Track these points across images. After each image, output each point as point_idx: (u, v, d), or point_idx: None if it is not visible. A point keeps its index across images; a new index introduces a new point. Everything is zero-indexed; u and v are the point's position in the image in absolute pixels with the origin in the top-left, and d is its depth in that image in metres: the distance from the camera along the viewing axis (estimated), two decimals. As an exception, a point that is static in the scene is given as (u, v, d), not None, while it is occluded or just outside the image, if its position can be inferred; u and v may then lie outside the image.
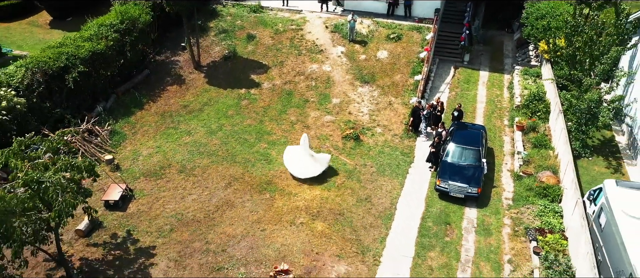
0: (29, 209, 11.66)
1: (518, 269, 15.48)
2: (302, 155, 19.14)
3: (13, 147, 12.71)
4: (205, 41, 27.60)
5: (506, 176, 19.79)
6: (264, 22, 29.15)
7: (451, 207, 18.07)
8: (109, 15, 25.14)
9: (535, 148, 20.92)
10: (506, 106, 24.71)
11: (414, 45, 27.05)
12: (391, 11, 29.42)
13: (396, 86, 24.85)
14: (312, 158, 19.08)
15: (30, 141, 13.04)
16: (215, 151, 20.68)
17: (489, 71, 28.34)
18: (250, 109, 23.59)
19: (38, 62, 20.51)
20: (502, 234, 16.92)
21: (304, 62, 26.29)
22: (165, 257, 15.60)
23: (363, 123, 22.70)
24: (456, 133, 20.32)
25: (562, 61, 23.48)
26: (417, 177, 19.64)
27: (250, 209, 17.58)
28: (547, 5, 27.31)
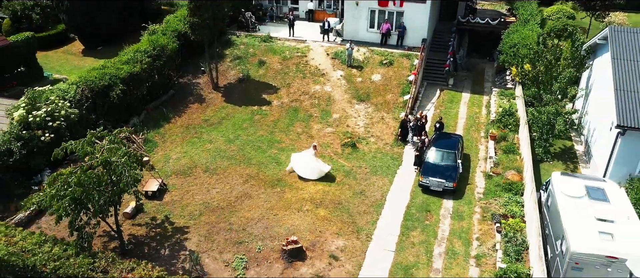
0: (104, 183, 15.39)
1: (483, 244, 19.03)
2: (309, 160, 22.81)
3: (87, 138, 16.55)
4: (222, 66, 31.70)
5: (479, 176, 23.48)
6: (273, 50, 33.34)
7: (432, 199, 21.72)
8: (142, 42, 29.30)
9: (505, 153, 24.68)
10: (483, 121, 28.57)
11: (403, 69, 31.13)
12: (384, 41, 33.62)
13: (388, 104, 28.80)
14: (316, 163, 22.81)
15: (100, 134, 16.87)
16: (233, 155, 24.46)
17: (470, 92, 32.32)
18: (262, 123, 27.48)
19: (86, 81, 24.51)
20: (473, 219, 20.52)
21: (308, 84, 30.33)
22: (196, 233, 19.19)
23: (359, 133, 26.55)
24: (437, 140, 24.16)
25: (529, 82, 27.49)
26: (404, 176, 23.35)
27: (264, 199, 21.24)
28: (519, 36, 31.47)
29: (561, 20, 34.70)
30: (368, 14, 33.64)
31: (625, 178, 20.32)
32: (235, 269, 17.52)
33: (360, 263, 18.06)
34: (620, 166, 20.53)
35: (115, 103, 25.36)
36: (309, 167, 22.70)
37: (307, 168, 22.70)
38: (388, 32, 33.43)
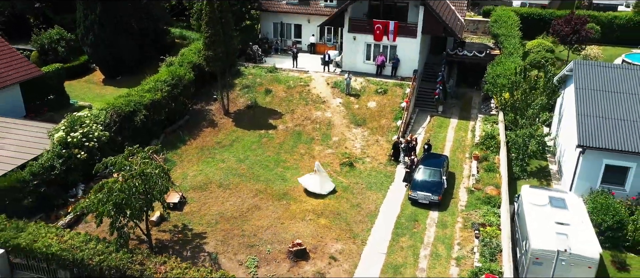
0: (140, 191, 18.38)
1: (463, 248, 21.89)
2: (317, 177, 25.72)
3: (125, 154, 19.63)
4: (232, 94, 34.95)
5: (462, 191, 26.43)
6: (278, 79, 36.67)
7: (419, 211, 24.64)
8: (162, 73, 32.64)
9: (486, 171, 27.68)
10: (468, 143, 31.64)
11: (397, 97, 34.39)
12: (379, 72, 36.96)
13: (382, 128, 31.96)
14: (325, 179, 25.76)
15: (135, 150, 19.95)
16: (244, 173, 27.47)
17: (458, 118, 35.48)
18: (269, 145, 30.57)
19: (114, 107, 27.73)
20: (455, 227, 23.40)
21: (310, 110, 33.55)
22: (213, 238, 22.08)
23: (356, 154, 29.61)
24: (425, 159, 27.21)
25: (508, 109, 30.69)
26: (395, 192, 26.31)
27: (272, 210, 24.17)
28: (502, 67, 34.76)
29: (540, 53, 38.23)
30: (365, 47, 37.09)
31: (587, 191, 23.28)
32: (248, 267, 20.37)
33: (356, 263, 20.91)
34: (583, 181, 23.50)
35: (139, 127, 28.49)
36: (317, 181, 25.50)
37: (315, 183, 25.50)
38: (383, 63, 36.80)
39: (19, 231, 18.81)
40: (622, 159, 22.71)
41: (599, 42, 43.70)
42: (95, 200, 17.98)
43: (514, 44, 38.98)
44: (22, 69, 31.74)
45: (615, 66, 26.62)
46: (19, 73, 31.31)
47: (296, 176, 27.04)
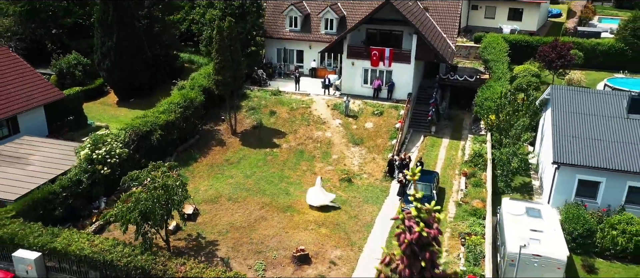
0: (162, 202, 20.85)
1: (451, 254, 24.23)
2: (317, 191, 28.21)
3: (149, 168, 22.13)
4: (239, 115, 37.55)
5: (451, 204, 28.84)
6: (282, 102, 39.33)
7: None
8: (174, 95, 35.29)
9: (473, 187, 30.13)
10: (459, 161, 34.14)
11: (392, 119, 37.00)
12: (376, 95, 39.64)
13: (378, 147, 34.50)
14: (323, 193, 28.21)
15: (158, 165, 22.46)
16: (251, 187, 29.91)
17: (449, 138, 38.03)
18: (274, 162, 33.08)
19: (133, 127, 30.31)
20: (444, 237, 25.74)
21: (312, 130, 36.14)
22: (225, 246, 24.44)
23: (354, 171, 32.10)
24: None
25: (495, 129, 33.28)
26: (390, 205, 28.72)
27: (277, 221, 26.56)
28: (490, 91, 37.40)
29: (526, 78, 40.98)
30: (362, 72, 39.84)
31: (563, 204, 25.70)
32: (257, 270, 22.71)
33: (353, 267, 23.24)
34: (560, 194, 25.96)
35: (154, 145, 31.03)
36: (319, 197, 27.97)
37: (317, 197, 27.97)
38: (379, 87, 39.51)
39: (55, 236, 21.19)
40: (593, 175, 25.20)
41: (583, 67, 46.54)
42: (124, 209, 20.42)
43: (502, 69, 41.70)
44: (46, 92, 34.42)
45: (588, 91, 29.31)
46: (44, 96, 33.99)
47: (299, 190, 29.51)
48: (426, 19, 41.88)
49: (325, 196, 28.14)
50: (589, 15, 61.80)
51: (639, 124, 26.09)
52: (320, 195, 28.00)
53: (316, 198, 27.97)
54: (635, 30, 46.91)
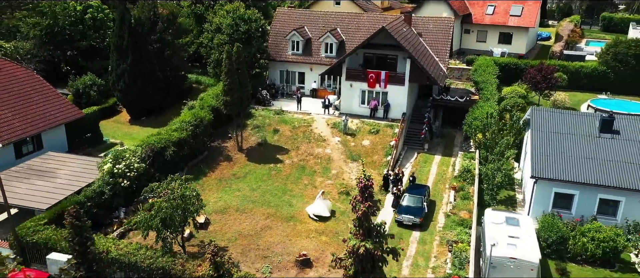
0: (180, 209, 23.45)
1: (438, 259, 26.77)
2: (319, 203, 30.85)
3: (168, 180, 24.78)
4: (245, 133, 40.26)
5: (441, 216, 31.42)
6: (284, 120, 42.11)
7: (404, 230, 29.58)
8: (185, 114, 38.04)
9: (461, 200, 32.74)
10: (449, 176, 36.78)
11: (387, 137, 39.75)
12: (372, 114, 42.43)
13: (374, 163, 37.18)
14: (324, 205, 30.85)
15: (176, 178, 25.11)
16: (257, 200, 32.51)
17: (441, 155, 40.70)
18: (277, 177, 35.71)
19: (149, 144, 33.00)
20: (433, 244, 28.31)
21: (313, 147, 38.85)
22: (234, 251, 26.98)
23: (352, 185, 34.71)
24: (410, 189, 32.32)
25: (482, 147, 36.00)
26: (385, 215, 31.30)
27: (281, 230, 29.12)
28: (480, 111, 40.14)
29: (513, 99, 43.85)
30: (360, 93, 42.68)
31: (541, 214, 28.30)
32: (263, 273, 25.23)
33: (351, 271, 25.69)
34: (538, 205, 28.59)
35: (168, 160, 33.70)
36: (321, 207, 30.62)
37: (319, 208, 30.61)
38: (375, 107, 42.32)
39: (84, 241, 23.71)
40: (568, 188, 27.87)
41: (568, 88, 49.49)
42: (147, 216, 23.02)
43: (491, 90, 44.62)
44: (68, 112, 37.19)
45: (564, 112, 32.14)
46: (65, 115, 36.76)
47: (301, 203, 32.13)
48: (419, 44, 44.88)
49: (326, 207, 30.75)
50: (576, 39, 64.99)
51: (609, 142, 28.82)
52: (321, 206, 30.61)
53: (318, 210, 30.58)
54: (616, 55, 49.96)
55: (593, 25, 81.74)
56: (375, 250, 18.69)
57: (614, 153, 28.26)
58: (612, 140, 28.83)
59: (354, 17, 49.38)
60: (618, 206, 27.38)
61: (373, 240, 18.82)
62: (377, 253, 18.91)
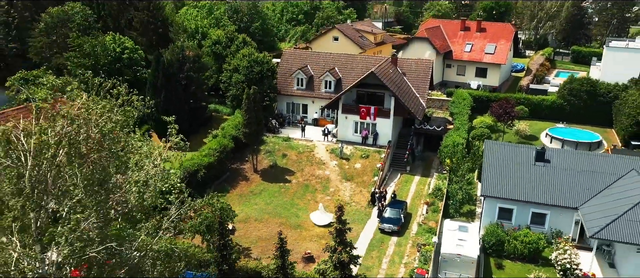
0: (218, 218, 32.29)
1: (410, 257, 35.58)
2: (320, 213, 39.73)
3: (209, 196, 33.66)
4: (259, 157, 49.16)
5: (415, 225, 40.25)
6: (291, 146, 51.08)
7: (385, 236, 38.40)
8: (212, 142, 46.99)
9: (432, 212, 41.58)
10: (424, 193, 45.63)
11: (375, 160, 48.70)
12: (363, 142, 51.41)
13: (364, 182, 46.09)
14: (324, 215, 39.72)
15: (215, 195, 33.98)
16: (271, 212, 41.35)
17: (420, 176, 49.58)
18: (286, 193, 44.58)
19: (185, 166, 41.89)
20: (407, 246, 37.13)
21: (314, 169, 47.79)
22: (256, 251, 35.79)
23: (346, 200, 43.57)
24: (391, 203, 41.21)
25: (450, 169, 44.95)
26: (371, 224, 40.12)
27: (291, 235, 37.90)
28: (450, 139, 49.03)
29: (480, 129, 52.88)
30: (353, 124, 51.69)
31: (488, 224, 37.13)
32: (279, 266, 33.94)
33: (343, 265, 34.45)
34: (487, 217, 37.44)
35: (199, 181, 42.59)
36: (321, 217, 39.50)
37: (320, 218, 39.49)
38: (366, 136, 51.31)
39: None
40: (508, 204, 36.75)
41: (531, 118, 58.61)
42: (196, 222, 31.88)
43: (462, 120, 53.69)
44: (117, 140, 46.06)
45: (509, 145, 41.17)
46: (115, 142, 45.62)
47: (306, 214, 40.97)
48: (403, 83, 54.02)
49: (326, 217, 39.61)
50: (544, 72, 74.24)
51: (541, 169, 37.73)
52: (322, 216, 39.48)
53: (319, 219, 39.44)
54: (571, 90, 59.13)
55: (564, 56, 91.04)
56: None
57: (544, 177, 37.18)
58: (544, 168, 37.75)
59: (349, 58, 58.63)
60: (545, 218, 36.23)
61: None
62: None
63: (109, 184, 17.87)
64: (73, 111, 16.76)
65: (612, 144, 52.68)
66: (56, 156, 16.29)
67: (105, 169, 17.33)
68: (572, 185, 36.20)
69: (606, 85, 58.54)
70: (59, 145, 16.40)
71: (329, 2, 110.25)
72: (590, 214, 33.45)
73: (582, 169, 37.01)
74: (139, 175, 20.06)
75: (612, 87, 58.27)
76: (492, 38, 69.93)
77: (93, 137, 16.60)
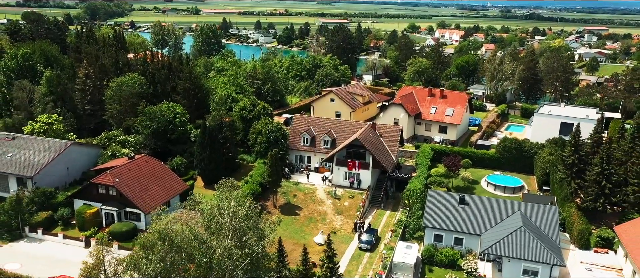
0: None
1: (378, 265, 56.37)
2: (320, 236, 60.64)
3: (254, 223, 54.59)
4: (277, 196, 70.06)
5: (382, 245, 61.04)
6: (299, 189, 72.12)
7: (362, 252, 59.22)
8: (245, 187, 67.99)
9: (395, 237, 62.39)
10: (391, 223, 66.47)
11: (359, 200, 69.71)
12: (351, 186, 72.43)
13: (351, 216, 67.06)
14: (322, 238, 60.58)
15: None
16: (287, 235, 62.08)
17: (390, 211, 70.50)
18: (297, 223, 65.47)
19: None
20: (375, 258, 57.93)
21: (316, 206, 68.77)
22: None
23: (337, 228, 64.43)
24: (367, 230, 62.15)
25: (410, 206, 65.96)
26: (353, 244, 60.97)
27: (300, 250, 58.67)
28: (411, 184, 69.90)
29: (433, 178, 74.10)
30: (344, 173, 72.76)
31: (427, 244, 57.90)
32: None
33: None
34: (428, 240, 58.28)
35: (239, 214, 63.41)
36: (321, 240, 60.40)
37: (320, 240, 60.39)
38: (353, 182, 72.38)
39: (215, 253, 53.31)
40: (440, 232, 57.66)
41: (475, 166, 79.83)
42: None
43: (423, 170, 74.85)
44: (180, 184, 67.17)
45: (442, 192, 62.24)
46: (180, 186, 66.70)
47: (310, 237, 61.76)
48: (379, 143, 75.36)
49: (324, 240, 60.50)
50: (493, 128, 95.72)
51: (462, 209, 58.68)
52: (321, 239, 60.42)
53: (319, 240, 60.35)
54: (505, 147, 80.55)
55: (516, 110, 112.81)
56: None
57: (463, 215, 58.14)
58: (463, 208, 58.76)
59: (342, 123, 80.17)
60: (462, 241, 57.08)
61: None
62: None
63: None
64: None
65: (526, 190, 73.93)
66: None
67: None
68: (479, 220, 57.26)
69: (529, 143, 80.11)
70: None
71: (328, 59, 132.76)
72: (487, 238, 54.42)
73: (487, 210, 58.15)
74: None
75: (533, 145, 79.78)
76: (451, 103, 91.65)
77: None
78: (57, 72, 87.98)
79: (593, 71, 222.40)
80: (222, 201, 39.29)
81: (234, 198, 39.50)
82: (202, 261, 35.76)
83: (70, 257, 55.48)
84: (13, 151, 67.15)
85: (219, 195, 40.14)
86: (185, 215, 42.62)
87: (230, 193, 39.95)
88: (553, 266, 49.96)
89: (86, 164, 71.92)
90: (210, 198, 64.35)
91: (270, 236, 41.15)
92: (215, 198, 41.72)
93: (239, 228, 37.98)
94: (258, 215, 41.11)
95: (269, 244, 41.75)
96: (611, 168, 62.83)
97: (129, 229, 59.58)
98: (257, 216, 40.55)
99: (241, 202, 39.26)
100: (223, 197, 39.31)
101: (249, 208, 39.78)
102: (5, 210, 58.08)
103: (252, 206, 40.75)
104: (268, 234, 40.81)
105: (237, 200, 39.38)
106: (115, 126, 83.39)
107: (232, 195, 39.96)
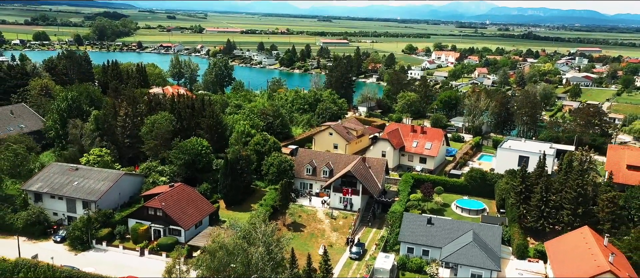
0: (274, 250, 70.53)
1: (363, 270, 73.92)
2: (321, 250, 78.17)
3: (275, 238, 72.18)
4: (286, 217, 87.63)
5: (368, 256, 78.57)
6: (303, 211, 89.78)
7: (353, 261, 76.74)
8: (260, 210, 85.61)
9: (379, 249, 79.91)
10: (377, 238, 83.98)
11: (351, 219, 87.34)
12: (345, 208, 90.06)
13: (344, 233, 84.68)
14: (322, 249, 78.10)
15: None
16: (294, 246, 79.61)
17: (376, 228, 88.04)
18: (301, 238, 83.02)
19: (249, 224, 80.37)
20: (362, 265, 75.44)
21: (316, 225, 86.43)
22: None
23: (333, 242, 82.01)
24: (356, 244, 79.77)
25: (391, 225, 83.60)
26: (345, 255, 78.49)
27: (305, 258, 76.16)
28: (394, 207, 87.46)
29: (412, 202, 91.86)
30: (339, 197, 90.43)
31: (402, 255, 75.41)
32: (300, 273, 72.38)
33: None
34: (402, 252, 75.83)
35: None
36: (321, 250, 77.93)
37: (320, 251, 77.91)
38: (346, 205, 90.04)
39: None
40: (412, 245, 75.23)
41: (448, 192, 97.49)
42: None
43: (404, 195, 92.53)
44: (209, 207, 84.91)
45: (415, 215, 79.93)
46: (208, 208, 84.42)
47: (313, 250, 79.28)
48: (368, 173, 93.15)
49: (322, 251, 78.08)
50: (466, 158, 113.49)
51: (430, 228, 76.20)
52: (321, 250, 78.01)
53: (320, 251, 77.93)
54: (471, 176, 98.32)
55: (464, 142, 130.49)
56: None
57: (430, 232, 75.70)
58: (431, 227, 76.34)
59: (338, 157, 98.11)
60: (429, 252, 74.59)
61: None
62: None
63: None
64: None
65: (486, 212, 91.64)
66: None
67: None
68: (442, 236, 74.87)
69: (491, 173, 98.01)
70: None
71: (327, 94, 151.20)
72: (446, 250, 72.00)
73: (448, 229, 75.80)
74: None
75: (494, 175, 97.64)
76: (430, 138, 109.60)
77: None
78: (103, 112, 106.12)
79: (576, 97, 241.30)
80: (255, 222, 56.78)
81: (263, 220, 57.08)
82: (244, 262, 53.47)
83: (130, 263, 73.15)
84: (78, 180, 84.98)
85: (250, 217, 57.60)
86: (224, 232, 60.19)
87: (258, 216, 57.47)
88: (492, 270, 67.55)
89: (133, 190, 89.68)
90: (235, 218, 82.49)
91: (286, 247, 58.28)
92: (247, 219, 59.11)
93: (266, 240, 55.52)
94: (276, 232, 58.67)
95: (283, 253, 59.14)
96: (549, 196, 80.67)
97: (172, 242, 77.08)
98: (277, 233, 58.14)
99: (267, 222, 56.84)
100: (254, 219, 56.79)
101: (274, 226, 57.30)
102: (78, 227, 75.82)
103: (275, 225, 58.19)
104: (284, 245, 58.06)
105: (264, 220, 56.95)
106: (151, 157, 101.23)
107: (260, 217, 57.55)
